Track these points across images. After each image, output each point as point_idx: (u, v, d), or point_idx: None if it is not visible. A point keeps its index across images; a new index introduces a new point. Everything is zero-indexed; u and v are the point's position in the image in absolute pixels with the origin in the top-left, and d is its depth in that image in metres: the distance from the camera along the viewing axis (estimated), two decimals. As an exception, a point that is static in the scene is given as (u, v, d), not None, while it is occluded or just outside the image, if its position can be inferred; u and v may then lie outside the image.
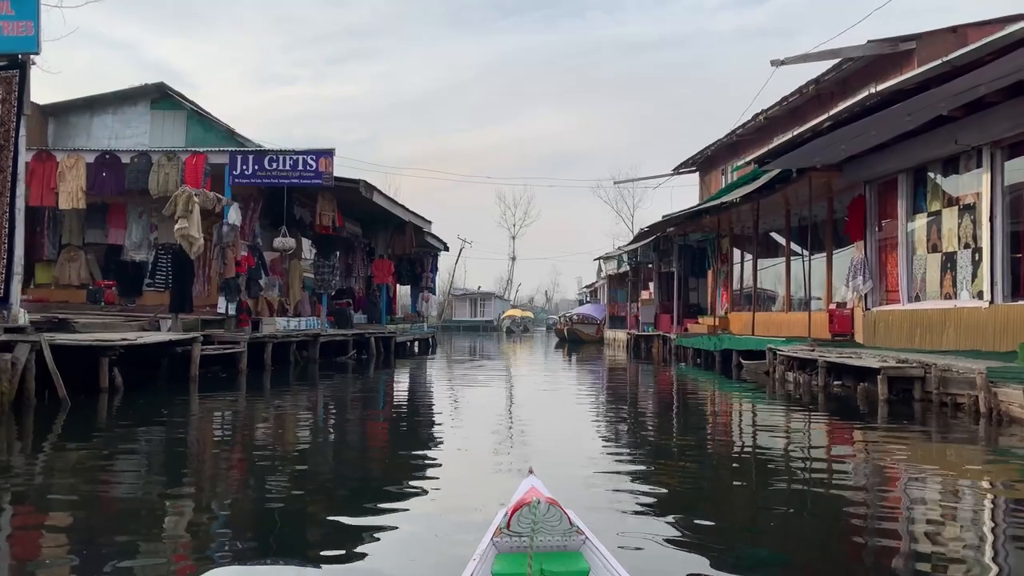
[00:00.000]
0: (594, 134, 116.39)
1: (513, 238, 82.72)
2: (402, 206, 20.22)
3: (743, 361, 17.37)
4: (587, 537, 2.96)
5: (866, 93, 11.31)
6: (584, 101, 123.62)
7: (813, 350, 13.32)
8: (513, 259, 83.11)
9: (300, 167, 15.14)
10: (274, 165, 15.18)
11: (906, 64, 14.73)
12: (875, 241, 14.28)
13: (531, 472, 3.66)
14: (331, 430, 8.77)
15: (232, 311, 15.25)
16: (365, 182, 16.49)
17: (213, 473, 6.10)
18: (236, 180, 15.29)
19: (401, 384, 15.04)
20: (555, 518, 2.89)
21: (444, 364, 21.41)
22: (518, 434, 8.27)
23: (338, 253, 17.57)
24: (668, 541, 4.07)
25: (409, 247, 22.21)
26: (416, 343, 26.67)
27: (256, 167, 15.20)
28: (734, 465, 6.69)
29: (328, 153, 15.18)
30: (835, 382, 12.05)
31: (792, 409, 10.82)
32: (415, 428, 8.90)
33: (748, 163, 14.79)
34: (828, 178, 14.83)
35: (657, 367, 21.01)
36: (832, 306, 15.57)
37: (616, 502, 4.89)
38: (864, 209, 14.39)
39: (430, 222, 24.14)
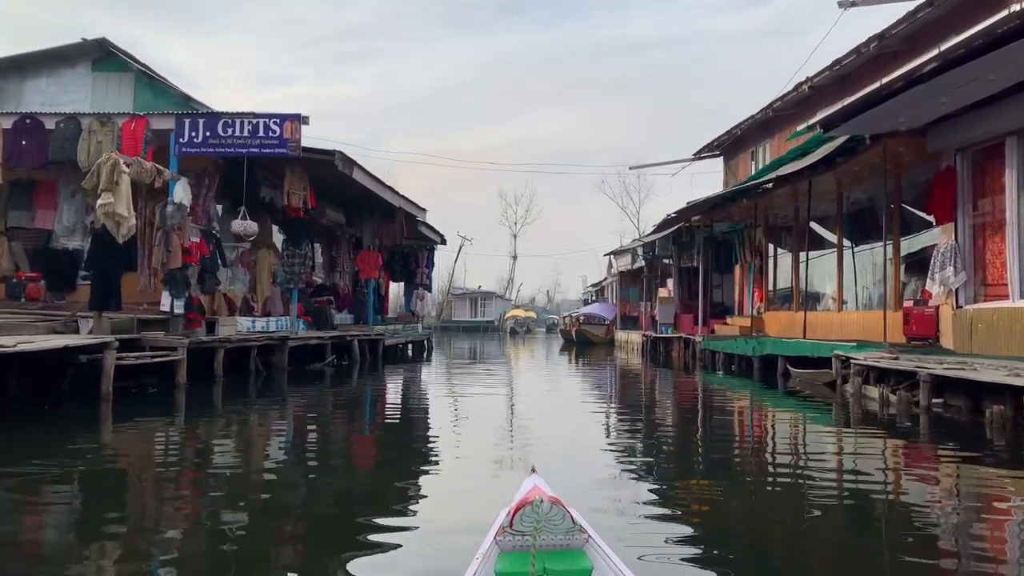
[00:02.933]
0: (594, 135, 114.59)
1: (514, 236, 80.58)
2: (390, 188, 17.45)
3: (792, 369, 14.73)
4: (590, 536, 2.91)
5: (939, 49, 8.74)
6: (584, 101, 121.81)
7: (897, 358, 10.63)
8: (514, 257, 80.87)
9: (261, 133, 12.41)
10: (230, 131, 12.45)
11: (998, 9, 12.01)
12: (969, 224, 11.55)
13: (533, 471, 3.55)
14: (284, 466, 6.07)
15: (179, 309, 12.55)
16: (341, 153, 13.72)
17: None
18: (184, 149, 12.57)
19: (386, 397, 12.35)
20: (558, 517, 2.85)
21: (440, 371, 18.69)
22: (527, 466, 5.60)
23: (311, 243, 14.82)
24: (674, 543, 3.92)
25: (399, 237, 19.40)
26: (409, 346, 23.93)
27: (208, 133, 12.48)
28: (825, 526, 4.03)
29: (295, 117, 12.45)
30: (935, 400, 9.35)
31: (881, 436, 8.10)
32: (401, 458, 6.24)
33: (810, 127, 12.03)
34: (908, 146, 12.10)
35: (680, 373, 18.43)
36: (907, 303, 12.86)
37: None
38: (954, 184, 11.66)
39: (424, 210, 21.41)
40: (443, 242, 26.62)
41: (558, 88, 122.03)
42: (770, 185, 16.30)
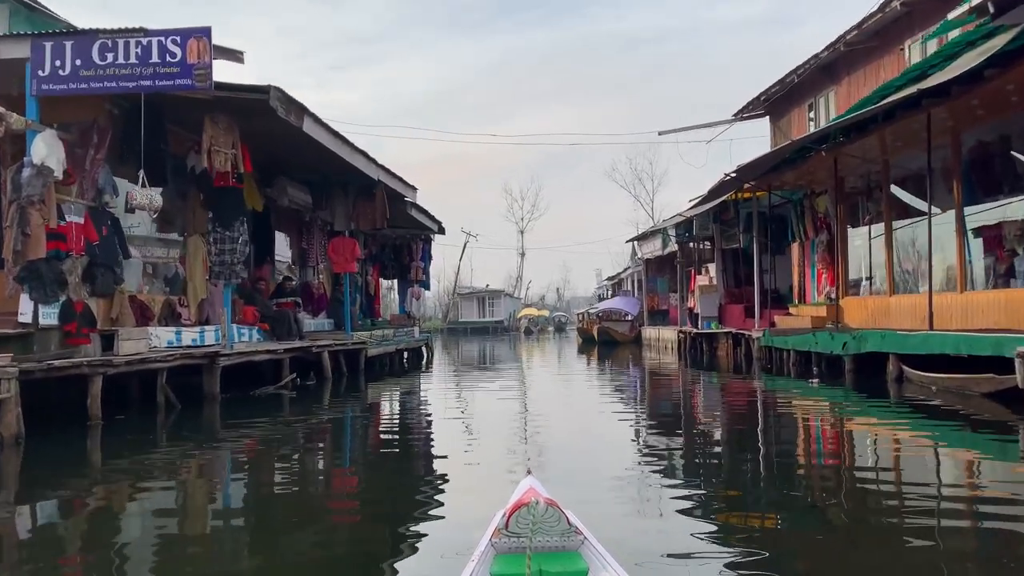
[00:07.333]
0: (601, 130, 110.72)
1: (521, 232, 76.80)
2: (363, 153, 13.38)
3: (912, 372, 10.84)
4: (586, 537, 2.87)
5: None
6: (585, 98, 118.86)
7: None
8: (522, 254, 77.07)
9: (155, 58, 8.50)
10: (110, 56, 8.54)
11: None
12: None
13: (529, 473, 3.47)
14: None
15: (50, 319, 8.68)
16: (279, 90, 9.64)
17: None
18: (45, 86, 8.66)
19: (356, 434, 8.44)
20: (553, 518, 2.81)
21: (439, 387, 14.74)
22: None
23: (245, 222, 10.82)
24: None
25: (380, 220, 15.31)
26: (404, 355, 19.98)
27: (78, 62, 8.57)
28: None
29: (203, 32, 8.53)
30: None
31: None
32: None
33: (973, 11, 7.99)
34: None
35: (734, 378, 14.76)
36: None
37: None
38: None
39: (414, 188, 17.44)
40: (441, 231, 22.63)
41: (558, 86, 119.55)
42: (845, 135, 12.33)
